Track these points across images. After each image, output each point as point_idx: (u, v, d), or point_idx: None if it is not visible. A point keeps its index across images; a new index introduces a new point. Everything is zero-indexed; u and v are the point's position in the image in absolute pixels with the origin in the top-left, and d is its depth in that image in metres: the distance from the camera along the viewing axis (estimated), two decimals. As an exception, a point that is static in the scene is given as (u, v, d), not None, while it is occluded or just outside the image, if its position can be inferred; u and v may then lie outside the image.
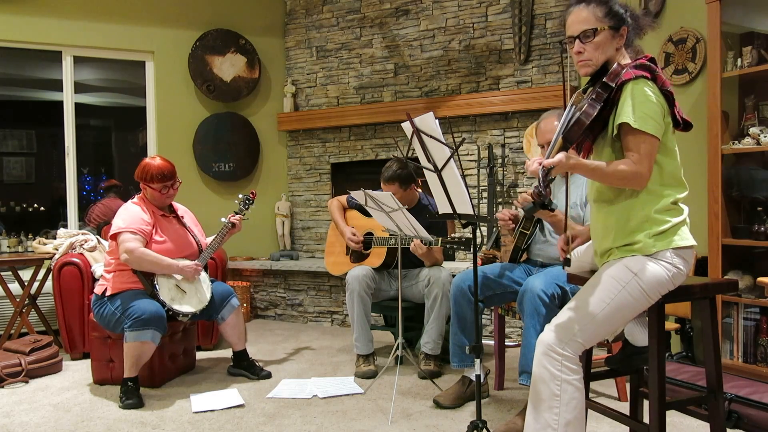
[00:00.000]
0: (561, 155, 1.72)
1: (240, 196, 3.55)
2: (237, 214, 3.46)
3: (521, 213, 2.84)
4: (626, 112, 1.77)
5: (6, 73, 5.93)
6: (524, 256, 3.00)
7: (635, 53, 1.93)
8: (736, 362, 3.09)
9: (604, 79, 1.82)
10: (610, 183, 1.85)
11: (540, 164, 1.70)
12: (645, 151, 1.77)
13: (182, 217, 3.46)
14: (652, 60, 1.85)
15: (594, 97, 1.80)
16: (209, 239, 3.48)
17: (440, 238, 3.09)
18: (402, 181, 3.47)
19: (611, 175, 1.79)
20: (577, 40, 1.87)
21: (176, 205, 3.48)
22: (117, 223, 3.18)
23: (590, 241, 2.19)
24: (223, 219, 3.44)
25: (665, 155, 1.84)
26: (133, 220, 3.18)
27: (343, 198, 3.88)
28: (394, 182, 3.47)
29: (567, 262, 2.07)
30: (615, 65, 1.85)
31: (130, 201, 3.32)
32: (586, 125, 1.78)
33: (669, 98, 1.83)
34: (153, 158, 3.32)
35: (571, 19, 1.90)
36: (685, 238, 1.85)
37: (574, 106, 1.86)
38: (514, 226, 2.88)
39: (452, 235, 3.64)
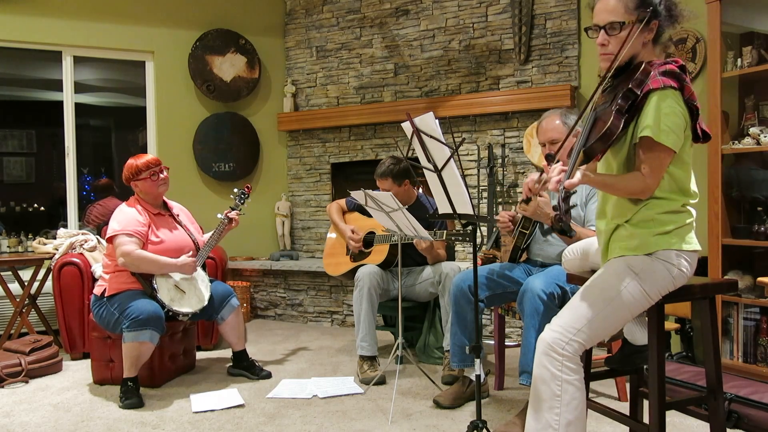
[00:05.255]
0: (580, 175, 1.66)
1: (235, 190, 3.54)
2: (233, 209, 3.45)
3: (518, 216, 2.84)
4: (649, 126, 1.70)
5: (6, 73, 5.93)
6: (524, 256, 3.00)
7: (663, 49, 1.84)
8: (736, 362, 3.09)
9: (630, 86, 1.71)
10: (618, 195, 1.86)
11: (559, 182, 1.62)
12: (658, 165, 1.74)
13: (177, 215, 3.45)
14: (681, 67, 1.76)
15: (618, 108, 1.70)
16: (206, 236, 3.47)
17: (444, 231, 3.07)
18: (395, 176, 3.46)
19: (621, 189, 1.80)
20: (603, 31, 1.77)
21: (171, 203, 3.48)
22: (113, 226, 3.17)
23: (588, 239, 2.19)
24: (219, 215, 3.43)
25: (678, 167, 1.81)
26: (129, 222, 3.17)
27: (342, 201, 3.87)
28: (387, 178, 3.47)
29: (527, 201, 1.92)
30: (641, 67, 1.75)
31: (124, 203, 3.31)
32: (613, 139, 1.71)
33: (693, 112, 1.77)
34: (134, 157, 3.33)
35: (599, 6, 1.79)
36: (690, 242, 1.83)
37: (594, 113, 1.77)
38: (513, 228, 2.89)
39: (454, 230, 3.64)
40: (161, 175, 3.29)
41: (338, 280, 4.48)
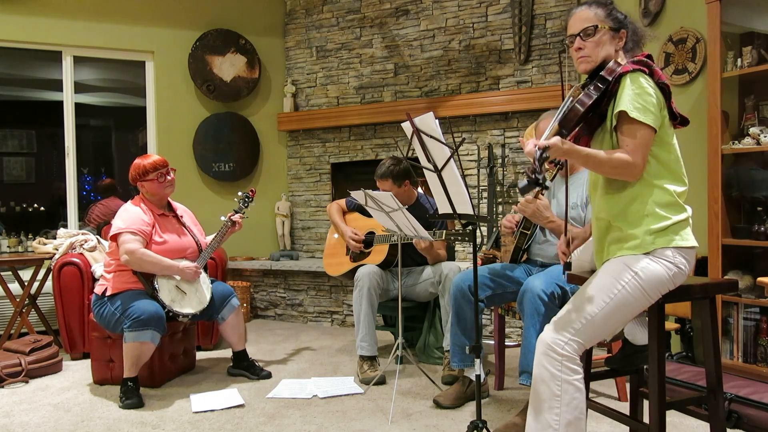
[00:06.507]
0: (556, 138, 1.73)
1: (239, 193, 3.55)
2: (237, 212, 3.46)
3: (520, 217, 2.85)
4: (624, 102, 1.80)
5: (6, 73, 5.93)
6: (524, 256, 3.00)
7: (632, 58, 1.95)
8: (736, 362, 3.09)
9: (601, 73, 1.86)
10: (604, 172, 1.86)
11: (535, 145, 1.70)
12: (640, 142, 1.78)
13: (181, 216, 3.46)
14: (648, 57, 1.89)
15: (591, 88, 1.84)
16: (209, 238, 3.48)
17: (444, 231, 3.07)
18: (395, 177, 3.46)
19: (605, 162, 1.80)
20: (578, 38, 1.92)
21: (175, 204, 3.48)
22: (117, 224, 3.17)
23: (589, 240, 2.19)
24: (222, 218, 3.44)
25: (661, 148, 1.85)
26: (133, 220, 3.18)
27: (342, 201, 3.87)
28: (387, 179, 3.47)
29: (568, 266, 2.06)
30: (612, 62, 1.90)
31: (129, 202, 3.32)
32: (580, 113, 1.80)
33: (665, 91, 1.86)
34: (141, 157, 3.33)
35: (573, 20, 1.98)
36: (686, 238, 1.84)
37: (571, 98, 1.88)
38: (514, 229, 2.89)
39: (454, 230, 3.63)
40: (168, 177, 3.30)
41: (338, 280, 4.48)
